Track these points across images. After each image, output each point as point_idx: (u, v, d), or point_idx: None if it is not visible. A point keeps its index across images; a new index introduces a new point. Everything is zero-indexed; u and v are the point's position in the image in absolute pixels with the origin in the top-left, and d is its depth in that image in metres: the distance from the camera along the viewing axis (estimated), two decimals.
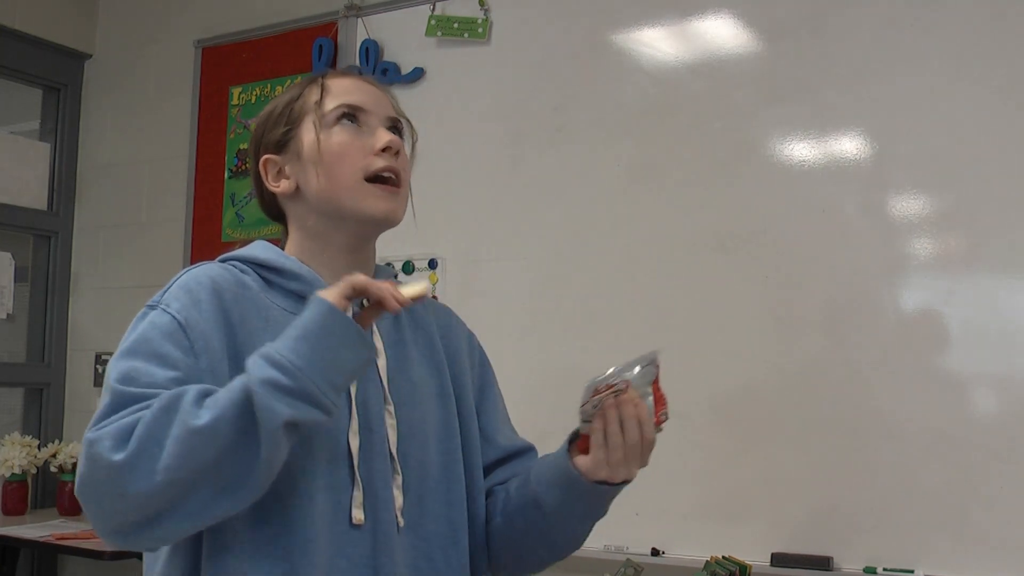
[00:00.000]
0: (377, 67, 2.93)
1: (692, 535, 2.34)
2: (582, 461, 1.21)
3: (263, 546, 1.13)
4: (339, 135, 1.25)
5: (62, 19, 3.65)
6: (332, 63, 3.04)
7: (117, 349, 1.15)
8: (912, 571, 2.10)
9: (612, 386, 1.16)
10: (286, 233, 1.33)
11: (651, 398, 1.20)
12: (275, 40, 3.24)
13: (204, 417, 1.02)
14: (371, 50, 2.96)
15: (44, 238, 3.66)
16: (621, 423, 1.17)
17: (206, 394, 1.05)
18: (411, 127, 1.35)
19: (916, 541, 2.10)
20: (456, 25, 2.82)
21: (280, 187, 1.28)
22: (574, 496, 1.23)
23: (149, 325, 1.14)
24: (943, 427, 2.11)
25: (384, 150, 1.25)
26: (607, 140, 2.57)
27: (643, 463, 1.22)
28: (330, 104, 1.27)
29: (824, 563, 2.17)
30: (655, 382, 1.20)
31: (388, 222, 1.27)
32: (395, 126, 1.31)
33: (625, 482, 1.23)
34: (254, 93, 3.26)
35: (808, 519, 2.23)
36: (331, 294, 1.08)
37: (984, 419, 2.10)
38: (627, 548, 2.37)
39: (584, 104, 2.61)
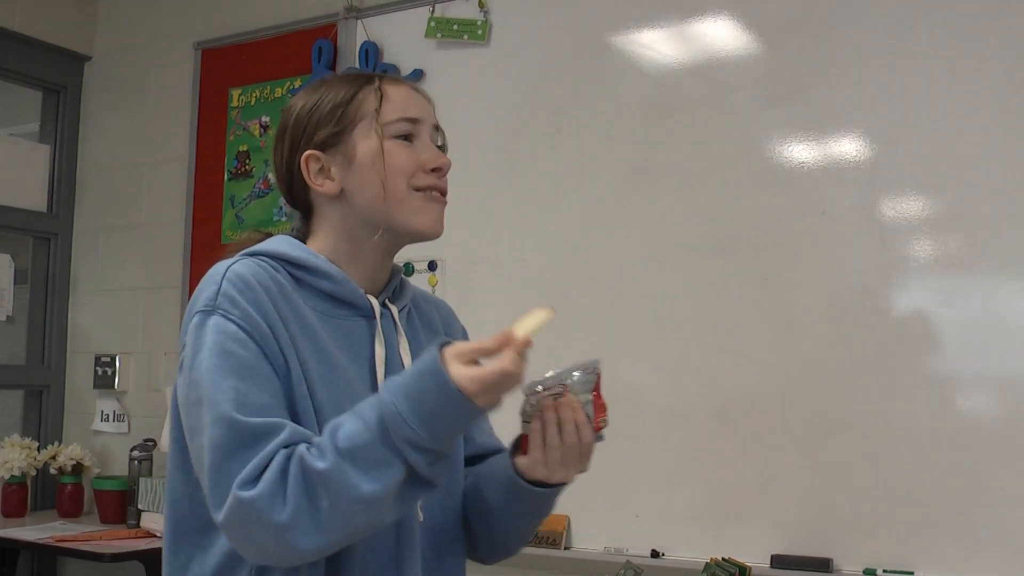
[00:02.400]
0: (377, 69, 2.93)
1: (692, 537, 2.33)
2: (521, 460, 1.25)
3: None
4: (397, 148, 1.26)
5: (62, 21, 3.65)
6: (332, 65, 3.04)
7: (189, 362, 1.16)
8: (912, 572, 2.09)
9: (549, 389, 1.19)
10: (305, 223, 1.34)
11: (591, 404, 1.22)
12: (275, 42, 3.24)
13: (366, 487, 1.06)
14: (371, 52, 2.96)
15: (44, 240, 3.66)
16: (559, 425, 1.20)
17: (347, 443, 1.08)
18: (444, 136, 1.35)
19: (916, 542, 2.10)
20: (456, 27, 2.82)
21: (324, 187, 1.28)
22: (514, 495, 1.27)
23: (221, 335, 1.14)
24: (943, 428, 2.11)
25: (435, 170, 1.28)
26: (606, 142, 2.57)
27: (581, 468, 1.24)
28: (391, 115, 1.27)
29: (824, 565, 2.17)
30: (596, 390, 1.22)
31: (432, 235, 1.30)
32: (438, 131, 1.33)
33: (563, 484, 1.26)
34: (254, 95, 3.26)
35: (808, 521, 2.22)
36: (458, 372, 1.07)
37: (984, 420, 2.09)
38: (627, 550, 2.37)
39: (583, 106, 2.61)
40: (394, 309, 1.33)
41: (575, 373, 1.20)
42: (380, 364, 1.27)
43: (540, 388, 1.19)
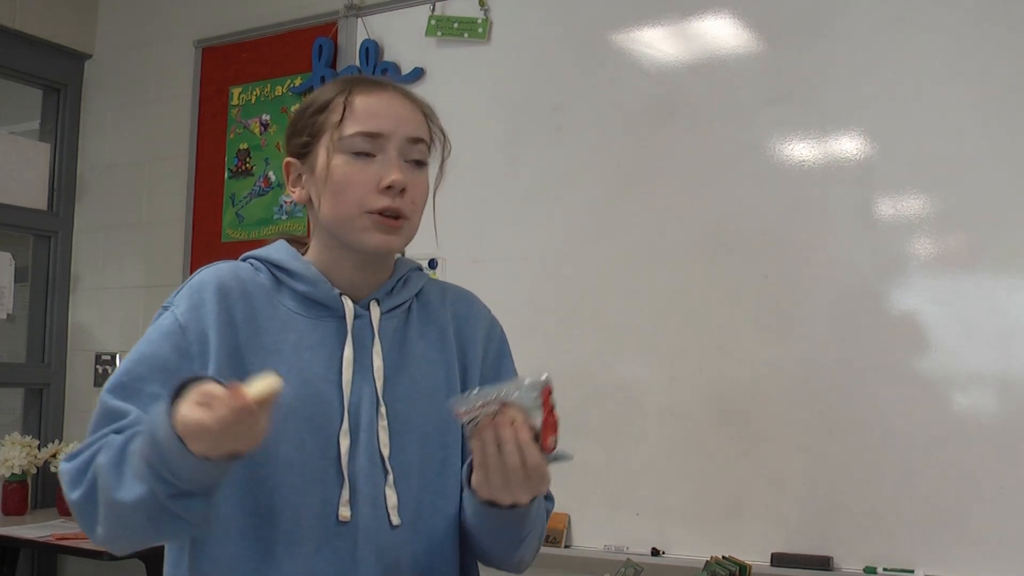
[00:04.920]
0: (377, 67, 2.93)
1: (692, 535, 2.34)
2: (474, 479, 1.17)
3: (247, 533, 1.19)
4: (349, 165, 1.24)
5: (62, 19, 3.65)
6: (332, 63, 3.04)
7: None
8: (912, 571, 2.10)
9: (484, 406, 1.08)
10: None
11: (540, 422, 1.10)
12: (275, 40, 3.24)
13: (119, 494, 1.08)
14: (371, 50, 2.96)
15: (44, 238, 3.66)
16: (499, 445, 1.09)
17: (132, 445, 1.09)
18: (445, 139, 1.34)
19: (916, 541, 2.11)
20: (456, 25, 2.82)
21: (295, 195, 1.32)
22: (476, 514, 1.22)
23: (155, 327, 1.25)
24: (943, 427, 2.11)
25: (388, 188, 1.23)
26: (607, 140, 2.57)
27: (532, 490, 1.13)
28: (349, 128, 1.25)
29: (824, 563, 2.17)
30: (548, 407, 1.10)
31: (386, 253, 1.30)
32: (416, 144, 1.28)
33: (516, 506, 1.16)
34: (254, 93, 3.26)
35: (808, 519, 2.23)
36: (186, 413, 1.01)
37: (984, 419, 2.10)
38: (627, 548, 2.38)
39: (583, 104, 2.61)
40: (375, 311, 1.31)
41: (516, 390, 1.09)
42: (347, 366, 1.27)
43: (475, 405, 1.08)
